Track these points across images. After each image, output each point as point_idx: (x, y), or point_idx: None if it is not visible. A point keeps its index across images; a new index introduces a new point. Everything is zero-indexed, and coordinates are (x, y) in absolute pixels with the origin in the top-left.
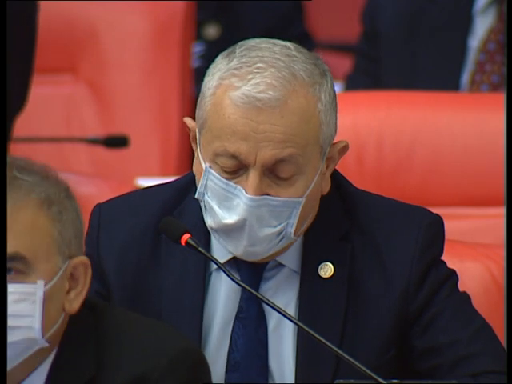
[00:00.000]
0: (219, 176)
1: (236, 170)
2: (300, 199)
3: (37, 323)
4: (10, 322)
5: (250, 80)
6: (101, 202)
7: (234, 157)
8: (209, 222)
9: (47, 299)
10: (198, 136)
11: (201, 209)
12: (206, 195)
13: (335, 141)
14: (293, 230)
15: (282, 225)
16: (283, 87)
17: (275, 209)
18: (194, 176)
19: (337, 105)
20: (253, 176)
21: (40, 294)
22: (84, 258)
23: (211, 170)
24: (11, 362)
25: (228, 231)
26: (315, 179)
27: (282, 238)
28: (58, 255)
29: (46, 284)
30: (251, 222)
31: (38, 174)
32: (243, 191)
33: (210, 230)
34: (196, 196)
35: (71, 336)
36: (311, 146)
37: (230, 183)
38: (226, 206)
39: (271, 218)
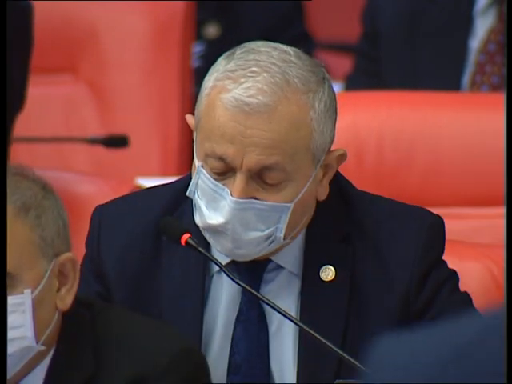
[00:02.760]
0: (209, 176)
1: (225, 172)
2: (288, 204)
3: (29, 332)
4: None
5: (241, 83)
6: (101, 202)
7: (221, 159)
8: (197, 220)
9: (37, 304)
10: (194, 134)
11: None
12: (196, 194)
13: (334, 147)
14: (282, 235)
15: (270, 229)
16: (274, 93)
17: (262, 213)
18: None
19: (335, 112)
20: (239, 180)
21: (28, 303)
22: (70, 255)
23: (203, 170)
24: (9, 373)
25: (214, 232)
26: (306, 186)
27: (272, 241)
28: (42, 258)
29: (33, 291)
30: (234, 224)
31: (12, 180)
32: (229, 193)
33: (200, 229)
34: (187, 193)
35: (68, 335)
36: (301, 153)
37: (219, 184)
38: (213, 206)
39: (258, 221)
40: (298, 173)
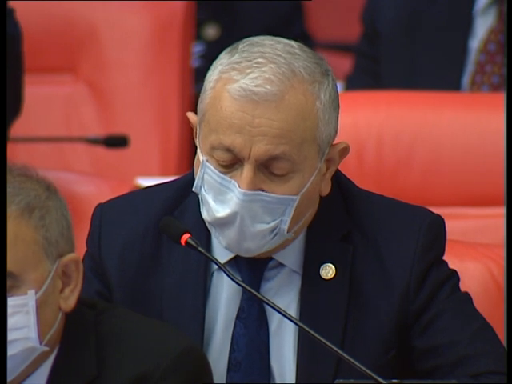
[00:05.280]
0: (215, 169)
1: (232, 163)
2: (295, 197)
3: (33, 333)
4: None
5: (248, 74)
6: (101, 201)
7: (228, 150)
8: (204, 215)
9: (41, 305)
10: (198, 130)
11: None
12: (202, 188)
13: (336, 142)
14: (286, 227)
15: (275, 221)
16: (281, 82)
17: (268, 205)
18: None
19: (338, 106)
20: (247, 170)
21: (32, 304)
22: (74, 255)
23: (208, 164)
24: (12, 373)
25: (221, 225)
26: (312, 178)
27: (276, 234)
28: (46, 259)
29: (37, 292)
30: (243, 216)
31: (16, 181)
32: (237, 185)
33: (207, 224)
34: (193, 189)
35: (71, 336)
36: (307, 143)
37: (225, 177)
38: (220, 199)
39: (264, 214)
40: (304, 164)
